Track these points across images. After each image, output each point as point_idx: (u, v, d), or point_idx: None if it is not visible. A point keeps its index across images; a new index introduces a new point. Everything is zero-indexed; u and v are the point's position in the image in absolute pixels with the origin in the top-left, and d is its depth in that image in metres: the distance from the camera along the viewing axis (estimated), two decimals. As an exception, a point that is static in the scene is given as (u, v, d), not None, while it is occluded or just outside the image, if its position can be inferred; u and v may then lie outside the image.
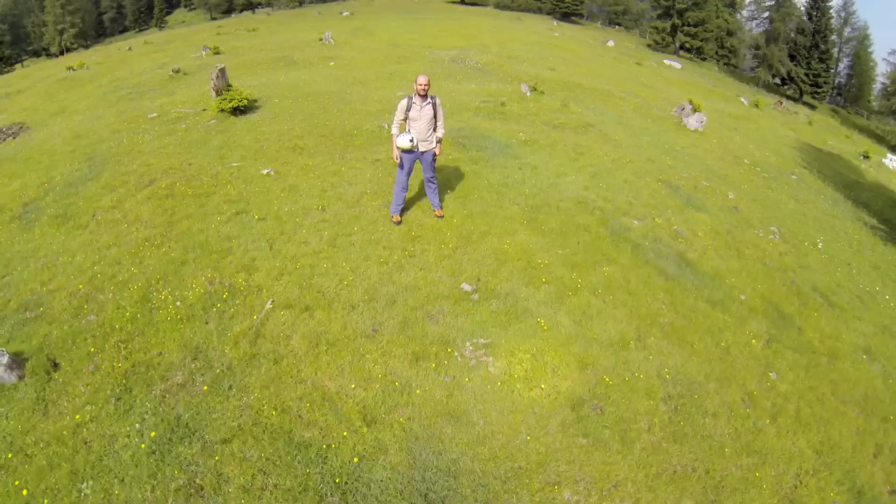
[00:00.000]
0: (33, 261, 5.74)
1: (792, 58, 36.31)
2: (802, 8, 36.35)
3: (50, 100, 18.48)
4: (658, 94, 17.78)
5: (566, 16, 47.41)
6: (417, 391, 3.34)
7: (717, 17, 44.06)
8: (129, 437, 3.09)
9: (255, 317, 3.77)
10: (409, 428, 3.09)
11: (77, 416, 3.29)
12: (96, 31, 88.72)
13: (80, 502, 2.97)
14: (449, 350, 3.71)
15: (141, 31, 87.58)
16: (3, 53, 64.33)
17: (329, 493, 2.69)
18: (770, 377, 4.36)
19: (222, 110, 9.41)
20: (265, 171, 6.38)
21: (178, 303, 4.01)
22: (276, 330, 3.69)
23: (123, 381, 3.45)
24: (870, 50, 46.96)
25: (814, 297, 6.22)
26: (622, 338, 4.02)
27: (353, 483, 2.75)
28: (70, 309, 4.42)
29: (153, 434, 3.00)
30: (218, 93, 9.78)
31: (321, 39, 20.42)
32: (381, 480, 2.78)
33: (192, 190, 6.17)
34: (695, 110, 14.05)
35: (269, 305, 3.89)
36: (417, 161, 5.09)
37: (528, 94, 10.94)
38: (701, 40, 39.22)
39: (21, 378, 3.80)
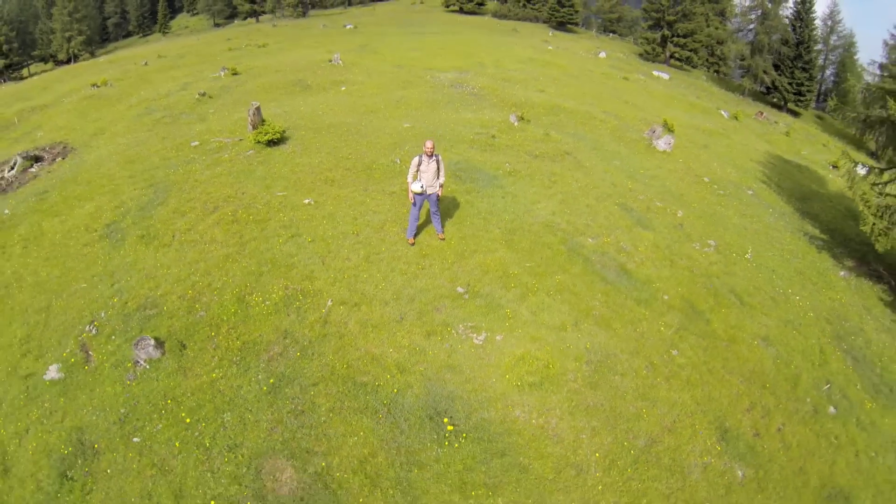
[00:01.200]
0: (135, 272, 7.70)
1: (777, 68, 38.23)
2: (787, 20, 38.29)
3: (84, 118, 20.28)
4: (638, 112, 19.74)
5: (561, 24, 49.35)
6: (429, 353, 5.31)
7: (708, 26, 46.10)
8: (250, 385, 5.05)
9: (322, 310, 5.73)
10: (425, 374, 5.06)
11: (212, 375, 5.25)
12: (100, 37, 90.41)
13: (223, 424, 4.93)
14: (449, 329, 5.68)
15: (144, 36, 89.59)
16: (12, 60, 66.08)
17: (379, 410, 4.65)
18: (672, 353, 6.33)
19: (258, 142, 11.38)
20: (307, 201, 8.35)
21: (266, 302, 5.97)
22: (337, 318, 5.66)
23: (239, 353, 5.42)
24: (856, 57, 49.03)
25: (729, 297, 8.19)
26: (563, 324, 5.99)
27: (393, 405, 4.71)
28: (182, 308, 6.38)
29: (271, 381, 4.95)
30: (254, 127, 11.74)
31: (330, 61, 22.38)
32: (410, 403, 4.76)
33: (251, 216, 8.14)
34: (667, 130, 16.05)
35: (329, 303, 5.84)
36: (425, 200, 7.04)
37: (516, 123, 12.90)
38: (690, 50, 41.19)
39: (163, 354, 5.76)
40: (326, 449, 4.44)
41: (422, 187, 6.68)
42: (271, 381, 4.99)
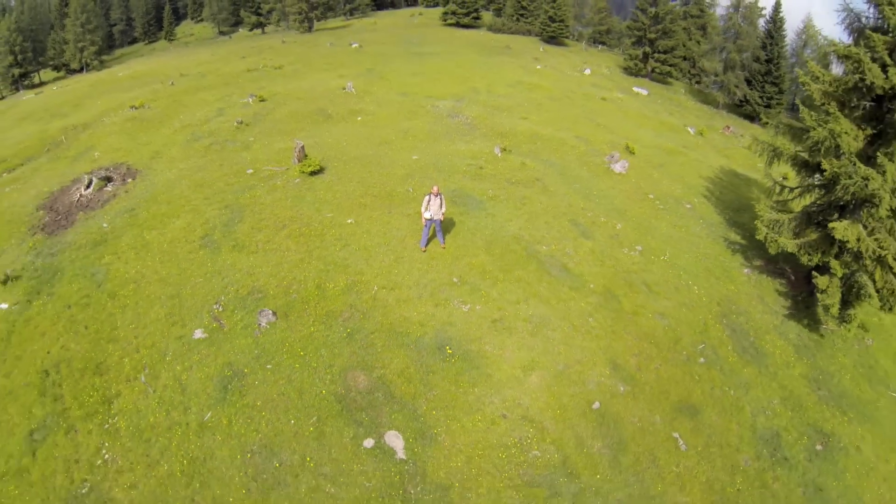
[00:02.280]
0: (237, 271, 11.48)
1: (749, 82, 42.12)
2: (759, 39, 42.16)
3: (134, 141, 23.87)
4: (608, 135, 23.59)
5: (552, 38, 53.16)
6: (437, 316, 9.17)
7: (690, 39, 50.07)
8: (334, 334, 8.89)
9: (371, 292, 9.56)
10: (435, 327, 8.90)
11: (310, 329, 9.09)
12: (107, 43, 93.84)
13: (322, 354, 8.75)
14: (448, 302, 9.52)
15: (150, 42, 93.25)
16: (26, 69, 69.63)
17: (409, 345, 8.49)
18: (588, 320, 10.18)
19: (303, 172, 15.19)
20: (349, 221, 12.17)
21: (335, 287, 9.80)
22: (380, 296, 9.49)
23: (324, 317, 9.25)
24: (829, 68, 52.86)
25: (640, 286, 12.03)
26: (517, 300, 9.84)
27: (417, 342, 8.56)
28: (280, 292, 10.18)
29: (347, 332, 8.79)
30: (299, 160, 15.56)
31: (344, 88, 26.19)
32: (426, 341, 8.60)
33: (311, 231, 11.95)
34: (629, 152, 19.93)
35: (375, 289, 9.67)
36: (432, 223, 10.88)
37: (500, 154, 16.72)
38: (670, 65, 45.09)
39: (276, 319, 9.57)
40: (381, 365, 8.22)
41: (430, 215, 10.50)
42: (347, 332, 8.80)
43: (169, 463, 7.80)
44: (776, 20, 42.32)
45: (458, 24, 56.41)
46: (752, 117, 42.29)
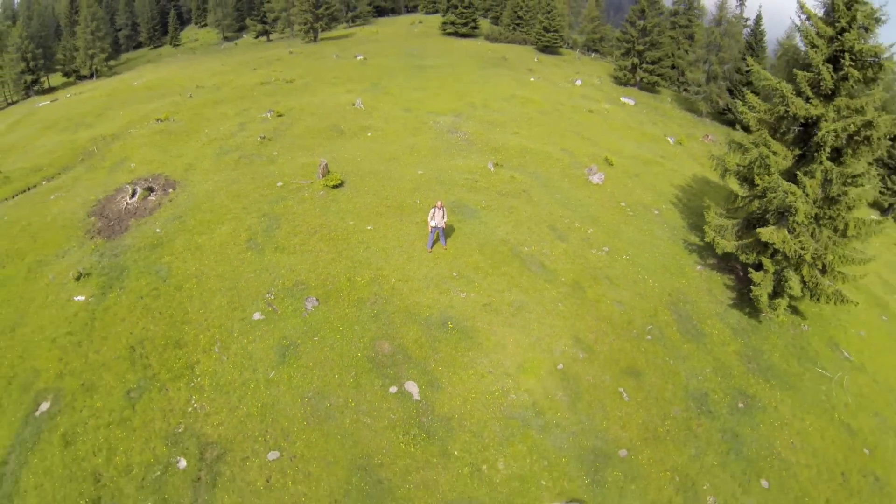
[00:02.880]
0: (281, 268, 14.50)
1: (731, 92, 45.23)
2: (741, 51, 45.25)
3: (166, 153, 26.75)
4: (591, 147, 26.64)
5: (547, 48, 56.24)
6: (441, 300, 12.22)
7: (678, 48, 53.21)
8: (363, 314, 11.96)
9: (391, 283, 12.59)
10: (439, 309, 11.96)
11: (346, 311, 12.14)
12: (113, 48, 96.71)
13: (355, 329, 11.78)
14: (450, 291, 12.57)
15: (155, 48, 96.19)
16: (38, 76, 72.41)
17: (420, 322, 11.52)
18: (558, 305, 13.23)
19: (327, 186, 18.21)
20: (369, 227, 15.21)
21: (362, 280, 12.84)
22: (398, 287, 12.53)
23: (355, 303, 12.30)
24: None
25: (603, 280, 15.08)
26: (502, 290, 12.90)
27: (426, 320, 11.59)
28: (319, 284, 13.20)
29: (374, 313, 11.84)
30: (323, 175, 18.57)
31: (354, 104, 29.21)
32: (433, 319, 11.64)
33: (339, 236, 14.96)
34: (607, 164, 22.97)
35: (393, 281, 12.71)
36: (437, 230, 13.93)
37: (492, 169, 19.75)
38: (657, 75, 48.20)
39: (319, 304, 12.60)
40: (400, 336, 11.25)
41: (435, 224, 13.55)
42: (373, 313, 11.84)
43: (246, 407, 10.83)
44: (757, 33, 45.53)
45: (456, 34, 59.47)
46: (734, 125, 45.39)
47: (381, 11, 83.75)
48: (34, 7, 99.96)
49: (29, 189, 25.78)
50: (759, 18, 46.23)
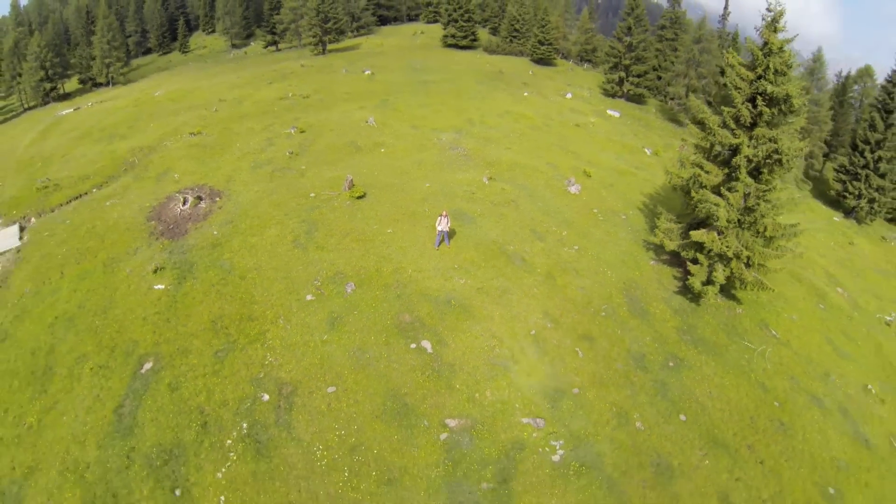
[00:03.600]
0: (323, 262, 19.19)
1: (709, 104, 49.90)
2: (718, 67, 49.91)
3: (204, 165, 31.33)
4: (574, 160, 31.32)
5: (541, 60, 60.94)
6: (447, 286, 16.94)
7: (665, 61, 57.90)
8: (389, 295, 16.69)
9: (408, 273, 17.28)
10: (445, 291, 16.68)
11: (376, 293, 16.88)
12: (125, 55, 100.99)
13: (384, 304, 16.51)
14: (452, 279, 17.30)
15: (164, 54, 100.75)
16: (55, 84, 76.98)
17: (431, 300, 16.23)
18: (533, 290, 17.96)
19: (352, 197, 22.88)
20: (389, 230, 19.92)
21: (387, 271, 17.55)
22: (413, 276, 17.22)
23: (383, 287, 17.04)
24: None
25: (571, 271, 19.79)
26: (491, 278, 17.64)
27: (435, 298, 16.33)
28: (354, 274, 17.90)
29: (397, 294, 16.56)
30: (349, 188, 23.24)
31: (367, 122, 33.88)
32: (441, 298, 16.38)
33: (366, 237, 19.66)
34: (586, 175, 27.64)
35: (410, 271, 17.40)
36: (443, 234, 18.64)
37: (487, 182, 24.42)
38: (643, 87, 52.92)
39: (356, 288, 17.30)
40: (417, 310, 15.89)
41: (441, 228, 18.25)
42: (397, 294, 16.52)
43: (308, 359, 15.51)
44: (735, 48, 50.20)
45: (456, 46, 64.16)
46: (713, 133, 50.09)
47: (383, 20, 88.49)
48: (45, 13, 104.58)
49: (81, 196, 30.45)
50: (735, 36, 50.96)
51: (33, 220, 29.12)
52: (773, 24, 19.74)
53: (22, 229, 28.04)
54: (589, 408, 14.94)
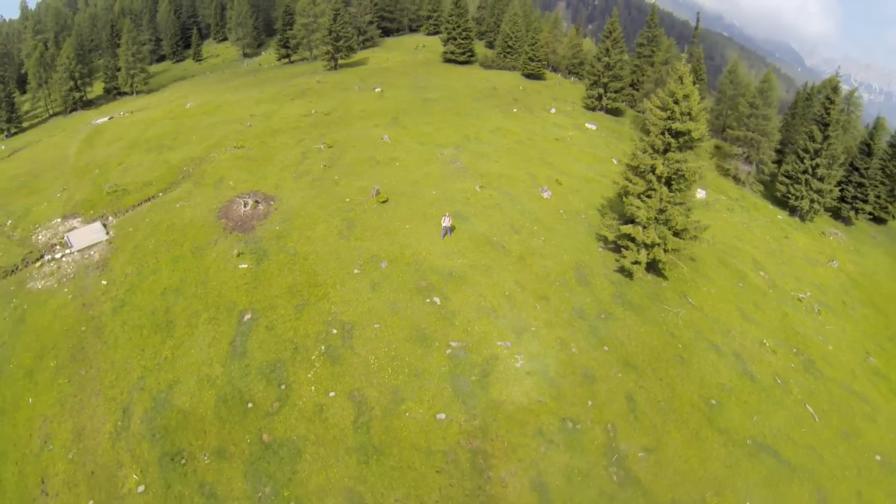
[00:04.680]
0: (363, 249, 28.47)
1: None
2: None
3: (253, 175, 40.44)
4: (550, 170, 40.53)
5: (531, 75, 70.18)
6: (448, 264, 26.20)
7: (643, 76, 67.20)
8: (411, 270, 25.96)
9: (423, 255, 26.49)
10: (448, 267, 25.98)
11: (401, 269, 26.15)
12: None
13: (406, 279, 25.77)
14: (453, 259, 26.62)
15: (178, 61, 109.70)
16: (84, 93, 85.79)
17: (438, 273, 25.49)
18: (508, 267, 27.21)
19: (378, 202, 32.07)
20: (407, 226, 29.20)
21: (408, 254, 26.78)
22: (426, 257, 26.47)
23: (405, 265, 26.29)
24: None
25: (538, 255, 29.08)
26: (480, 258, 26.92)
27: (440, 273, 25.60)
28: (386, 256, 27.13)
29: (414, 269, 25.86)
30: (376, 195, 32.40)
31: (383, 138, 43.00)
32: (444, 271, 25.68)
33: (391, 231, 28.93)
34: (557, 183, 36.88)
35: (423, 254, 26.61)
36: (446, 229, 27.91)
37: (479, 190, 33.56)
38: (620, 101, 62.21)
39: (387, 265, 26.50)
40: (429, 279, 24.99)
41: (445, 225, 27.46)
42: (415, 269, 25.67)
43: (360, 308, 24.66)
44: (697, 69, 59.53)
45: (455, 62, 73.38)
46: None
47: (387, 31, 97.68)
48: (61, 21, 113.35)
49: (150, 199, 39.56)
50: (699, 56, 60.29)
51: (111, 218, 38.26)
52: (680, 80, 28.95)
53: (104, 226, 37.05)
54: (541, 338, 24.16)
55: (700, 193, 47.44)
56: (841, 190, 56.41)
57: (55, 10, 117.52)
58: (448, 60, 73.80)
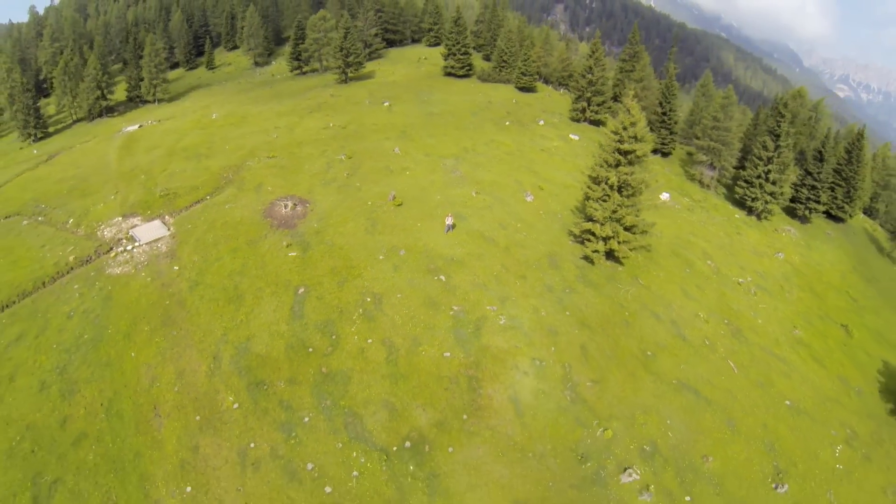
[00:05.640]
0: (384, 241, 38.65)
1: (651, 128, 69.40)
2: (657, 98, 69.31)
3: (286, 181, 50.62)
4: (534, 178, 50.67)
5: (524, 88, 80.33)
6: (450, 252, 36.38)
7: (625, 89, 77.27)
8: (422, 257, 36.16)
9: (432, 246, 36.64)
10: (449, 255, 36.17)
11: (415, 255, 36.31)
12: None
13: (418, 263, 35.94)
14: (454, 248, 36.79)
15: (191, 69, 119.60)
16: (110, 102, 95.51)
17: (444, 258, 35.64)
18: (496, 254, 37.39)
19: (395, 205, 42.16)
20: (419, 224, 39.34)
21: (422, 245, 36.95)
22: (434, 247, 36.64)
23: (417, 254, 36.46)
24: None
25: (520, 246, 39.25)
26: (474, 248, 37.10)
27: (444, 258, 35.74)
28: (403, 246, 37.28)
29: (427, 255, 36.03)
30: (393, 199, 42.46)
31: (394, 151, 53.02)
32: (448, 258, 35.81)
33: (407, 228, 39.04)
34: (539, 189, 47.04)
35: (432, 245, 36.74)
36: (449, 227, 38.04)
37: (475, 195, 43.56)
38: (602, 114, 72.41)
39: (405, 253, 36.60)
40: (435, 262, 35.04)
41: (448, 223, 37.52)
42: (426, 256, 35.75)
43: (385, 284, 34.71)
44: (669, 86, 69.80)
45: (455, 75, 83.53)
46: (657, 151, 69.56)
47: (390, 42, 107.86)
48: (78, 30, 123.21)
49: (199, 201, 49.57)
50: (671, 73, 70.50)
51: (167, 217, 48.26)
52: (628, 111, 39.06)
53: (164, 223, 46.86)
54: (519, 305, 34.25)
55: (663, 196, 57.75)
56: (796, 191, 66.70)
57: (72, 19, 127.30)
58: (448, 74, 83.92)
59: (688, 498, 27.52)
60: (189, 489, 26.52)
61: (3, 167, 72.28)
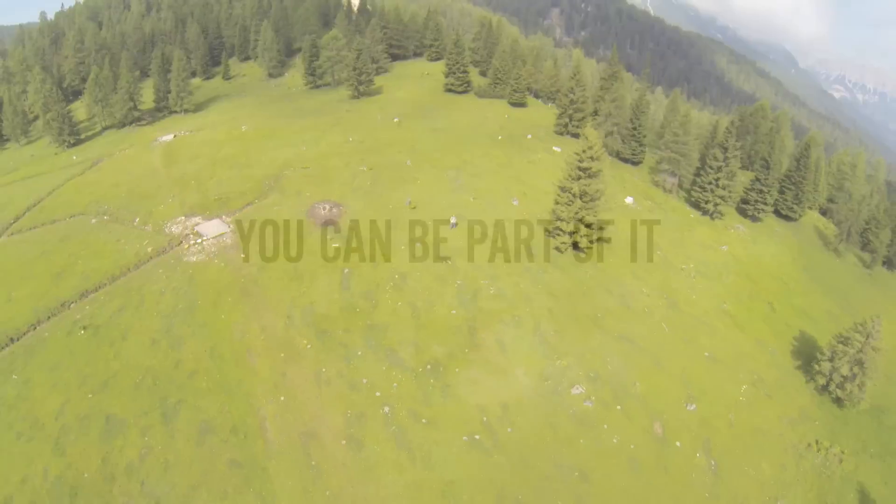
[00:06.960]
0: (404, 234, 54.76)
1: (623, 140, 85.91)
2: (629, 115, 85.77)
3: (319, 188, 67.23)
4: (520, 185, 67.15)
5: (516, 103, 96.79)
6: (454, 245, 52.84)
7: (602, 105, 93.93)
8: (433, 244, 52.72)
9: (440, 236, 53.06)
10: (453, 244, 52.66)
11: (428, 245, 52.82)
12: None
13: (427, 249, 52.42)
14: (457, 242, 53.24)
15: (207, 78, 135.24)
16: (141, 114, 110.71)
17: (446, 242, 52.10)
18: (489, 245, 53.88)
19: (411, 208, 58.45)
20: (430, 222, 55.73)
21: (431, 238, 53.43)
22: (444, 239, 53.08)
23: (429, 243, 52.95)
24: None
25: (504, 239, 55.63)
26: (472, 241, 53.62)
27: (451, 247, 52.23)
28: (419, 239, 53.63)
29: (438, 242, 52.61)
30: (409, 203, 58.74)
31: (406, 163, 69.22)
32: (453, 243, 52.24)
33: (423, 224, 55.34)
34: (523, 195, 63.54)
35: (441, 235, 53.19)
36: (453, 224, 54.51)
37: (472, 200, 59.80)
38: (582, 128, 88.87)
39: (421, 246, 53.02)
40: (443, 246, 51.41)
41: (452, 221, 53.85)
42: (437, 242, 52.17)
43: (408, 267, 51.06)
44: (641, 104, 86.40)
45: (455, 91, 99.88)
46: (624, 160, 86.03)
47: (395, 57, 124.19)
48: (100, 41, 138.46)
49: (249, 204, 65.90)
50: (642, 93, 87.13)
51: (225, 216, 64.39)
52: (586, 138, 55.62)
53: (223, 221, 62.73)
54: (504, 280, 50.64)
55: (628, 199, 74.34)
56: (746, 194, 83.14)
57: (92, 30, 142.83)
58: (449, 90, 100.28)
59: (619, 406, 43.79)
60: (283, 398, 42.56)
61: (46, 171, 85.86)
